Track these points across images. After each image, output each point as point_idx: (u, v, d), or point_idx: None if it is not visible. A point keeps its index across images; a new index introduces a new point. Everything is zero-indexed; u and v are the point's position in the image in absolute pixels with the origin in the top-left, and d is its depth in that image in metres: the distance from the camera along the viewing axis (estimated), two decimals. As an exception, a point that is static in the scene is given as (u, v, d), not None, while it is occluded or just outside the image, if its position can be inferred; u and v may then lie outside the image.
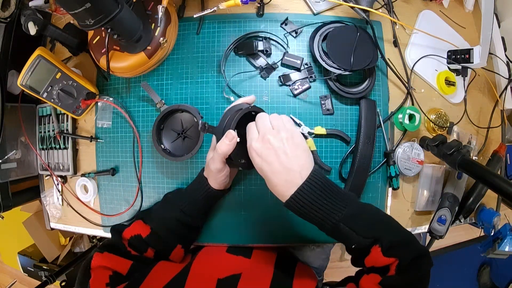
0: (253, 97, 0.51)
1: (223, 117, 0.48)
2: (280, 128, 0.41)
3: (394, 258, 0.37)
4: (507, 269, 1.50)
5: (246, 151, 0.50)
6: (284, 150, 0.39)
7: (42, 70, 0.56)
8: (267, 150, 0.40)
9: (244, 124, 0.49)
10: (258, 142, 0.41)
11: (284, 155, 0.39)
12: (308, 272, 0.61)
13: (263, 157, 0.40)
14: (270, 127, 0.42)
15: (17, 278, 1.53)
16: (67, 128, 0.65)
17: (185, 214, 0.53)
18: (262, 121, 0.43)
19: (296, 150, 0.40)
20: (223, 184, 0.52)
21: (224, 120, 0.47)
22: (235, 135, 0.44)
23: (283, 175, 0.39)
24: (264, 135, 0.41)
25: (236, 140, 0.44)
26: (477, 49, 0.62)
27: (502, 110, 0.74)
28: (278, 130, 0.41)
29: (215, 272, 0.49)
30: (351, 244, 0.40)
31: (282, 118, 0.43)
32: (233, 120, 0.45)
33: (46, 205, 0.71)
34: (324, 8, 0.62)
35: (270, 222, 0.60)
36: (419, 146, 0.62)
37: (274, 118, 0.43)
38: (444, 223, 0.61)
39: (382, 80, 0.62)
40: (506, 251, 0.64)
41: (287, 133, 0.41)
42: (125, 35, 0.52)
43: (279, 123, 0.42)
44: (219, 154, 0.45)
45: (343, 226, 0.39)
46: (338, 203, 0.39)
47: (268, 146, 0.40)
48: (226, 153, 0.45)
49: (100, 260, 0.45)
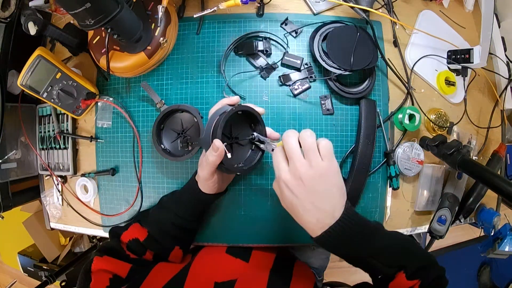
0: (237, 97, 0.49)
1: (208, 123, 0.45)
2: (314, 158, 0.36)
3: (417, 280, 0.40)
4: (507, 269, 1.50)
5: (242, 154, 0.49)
6: (318, 190, 0.36)
7: (42, 70, 0.56)
8: (298, 187, 0.37)
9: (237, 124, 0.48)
10: (289, 175, 0.37)
11: (317, 194, 0.36)
12: (306, 272, 0.61)
13: (294, 193, 0.37)
14: (301, 155, 0.37)
15: (17, 278, 1.53)
16: (67, 128, 0.65)
17: (179, 217, 0.52)
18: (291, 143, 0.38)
19: (331, 189, 0.37)
20: (213, 189, 0.50)
21: (210, 127, 0.44)
22: (220, 146, 0.41)
23: (314, 214, 0.37)
24: (296, 169, 0.36)
25: (223, 150, 0.42)
26: (477, 49, 0.62)
27: (502, 110, 0.74)
28: (311, 163, 0.36)
29: (213, 275, 0.50)
30: (378, 275, 0.42)
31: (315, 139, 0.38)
32: (218, 127, 0.42)
33: (46, 205, 0.71)
34: (324, 8, 0.62)
35: (270, 222, 0.60)
36: (419, 146, 0.62)
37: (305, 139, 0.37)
38: (444, 223, 0.61)
39: (382, 80, 0.62)
40: (506, 251, 0.65)
41: (321, 168, 0.36)
42: (125, 35, 0.52)
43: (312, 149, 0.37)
44: (208, 163, 0.44)
45: (370, 259, 0.40)
46: (368, 239, 0.40)
47: (299, 182, 0.36)
48: (216, 163, 0.44)
49: (100, 263, 0.45)
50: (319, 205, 0.37)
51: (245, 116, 0.48)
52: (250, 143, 0.50)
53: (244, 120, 0.49)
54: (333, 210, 0.37)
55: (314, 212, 0.37)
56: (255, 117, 0.47)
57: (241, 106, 0.45)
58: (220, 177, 0.50)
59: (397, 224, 0.65)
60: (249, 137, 0.48)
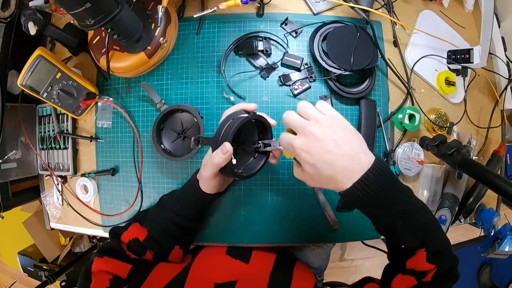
0: (255, 105, 0.47)
1: (221, 125, 0.45)
2: (317, 116, 0.38)
3: (434, 265, 0.37)
4: (507, 269, 1.50)
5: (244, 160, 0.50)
6: (332, 137, 0.36)
7: (42, 70, 0.56)
8: (313, 143, 0.36)
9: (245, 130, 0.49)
10: (300, 137, 0.37)
11: (332, 142, 0.36)
12: (306, 273, 0.61)
13: (310, 151, 0.37)
14: (304, 120, 0.38)
15: (17, 278, 1.53)
16: (67, 128, 0.65)
17: (178, 216, 0.52)
18: (292, 117, 0.39)
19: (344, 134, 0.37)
20: (213, 189, 0.51)
21: (222, 129, 0.44)
22: (229, 149, 0.42)
23: (337, 162, 0.36)
24: (304, 130, 0.37)
25: (231, 154, 0.42)
26: (477, 49, 0.62)
27: (502, 110, 0.74)
28: (316, 119, 0.37)
29: (214, 276, 0.50)
30: (401, 244, 0.38)
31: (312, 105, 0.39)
32: (230, 131, 0.42)
33: (46, 205, 0.71)
34: (324, 8, 0.62)
35: (270, 222, 0.60)
36: (419, 146, 0.62)
37: (302, 108, 0.39)
38: (444, 223, 0.61)
39: (382, 80, 0.62)
40: (506, 251, 0.65)
41: (327, 120, 0.37)
42: (125, 35, 0.52)
43: (312, 112, 0.38)
44: (212, 164, 0.44)
45: (399, 222, 0.37)
46: (401, 195, 0.37)
47: (312, 138, 0.36)
48: (221, 165, 0.44)
49: (100, 264, 0.45)
50: (339, 151, 0.36)
51: (256, 125, 0.48)
52: (253, 151, 0.50)
53: (253, 128, 0.49)
54: (356, 153, 0.36)
55: (337, 161, 0.36)
56: (265, 128, 0.48)
57: (256, 115, 0.45)
58: (222, 178, 0.50)
59: (397, 224, 0.64)
60: (255, 146, 0.49)
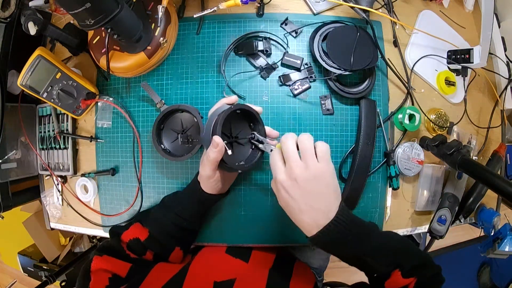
0: (235, 97, 0.50)
1: (208, 122, 0.47)
2: (309, 161, 0.37)
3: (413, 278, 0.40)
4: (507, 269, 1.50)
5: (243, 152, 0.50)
6: (312, 190, 0.37)
7: (42, 70, 0.56)
8: (294, 188, 0.37)
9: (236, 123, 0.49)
10: (285, 176, 0.38)
11: (311, 195, 0.37)
12: (306, 272, 0.61)
13: (289, 193, 0.38)
14: (297, 157, 0.38)
15: (17, 278, 1.53)
16: (67, 128, 0.65)
17: (180, 218, 0.52)
18: (288, 146, 0.39)
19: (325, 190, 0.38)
20: (215, 189, 0.51)
21: (210, 125, 0.45)
22: (219, 141, 0.43)
23: (309, 214, 0.38)
24: (291, 169, 0.37)
25: (223, 146, 0.43)
26: (477, 49, 0.62)
27: (502, 110, 0.74)
28: (307, 164, 0.37)
29: (213, 275, 0.50)
30: (374, 273, 0.43)
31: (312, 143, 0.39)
32: (217, 124, 0.43)
33: (46, 205, 0.71)
34: (324, 8, 0.62)
35: (270, 222, 0.60)
36: (419, 146, 0.62)
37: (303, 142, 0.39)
38: (444, 223, 0.61)
39: (382, 80, 0.62)
40: (506, 251, 0.64)
41: (316, 170, 0.37)
42: (125, 35, 0.52)
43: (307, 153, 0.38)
44: (209, 161, 0.45)
45: (365, 258, 0.40)
46: (362, 238, 0.40)
47: (294, 183, 0.37)
48: (216, 160, 0.44)
49: (100, 263, 0.46)
50: (314, 205, 0.37)
51: (244, 116, 0.49)
52: (250, 142, 0.50)
53: (243, 120, 0.50)
54: (328, 211, 0.38)
55: (309, 212, 0.38)
56: (254, 117, 0.49)
57: (239, 104, 0.47)
58: (222, 176, 0.50)
59: (397, 224, 0.65)
60: (248, 136, 0.49)
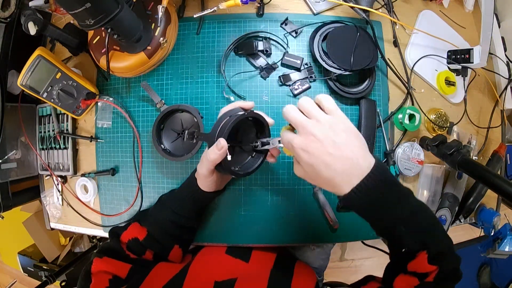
0: (252, 103, 0.48)
1: (217, 121, 0.45)
2: (318, 115, 0.36)
3: (436, 266, 0.36)
4: (507, 269, 1.50)
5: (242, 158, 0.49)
6: (332, 139, 0.35)
7: (42, 70, 0.56)
8: (313, 143, 0.35)
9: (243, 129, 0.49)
10: (300, 137, 0.36)
11: (332, 144, 0.35)
12: (307, 271, 0.61)
13: (309, 151, 0.35)
14: (305, 117, 0.37)
15: (17, 278, 1.53)
16: (67, 128, 0.65)
17: (177, 215, 0.52)
18: (292, 114, 0.38)
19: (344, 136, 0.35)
20: (211, 187, 0.50)
21: (218, 125, 0.44)
22: (224, 145, 0.41)
23: (336, 165, 0.34)
24: (304, 129, 0.36)
25: (226, 150, 0.42)
26: (477, 49, 0.62)
27: (502, 110, 0.74)
28: (317, 119, 0.36)
29: (213, 274, 0.50)
30: (402, 247, 0.38)
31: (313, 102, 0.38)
32: (226, 127, 0.42)
33: (46, 205, 0.71)
34: (324, 8, 0.62)
35: (270, 222, 0.60)
36: (419, 146, 0.62)
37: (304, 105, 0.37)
38: (444, 223, 0.61)
39: (382, 80, 0.62)
40: (506, 251, 0.65)
41: (328, 119, 0.36)
42: (125, 35, 0.52)
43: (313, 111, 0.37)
44: (208, 160, 0.44)
45: (399, 227, 0.37)
46: (400, 200, 0.36)
47: (312, 138, 0.35)
48: (216, 161, 0.44)
49: (100, 264, 0.46)
50: (338, 153, 0.34)
51: (253, 123, 0.48)
52: (251, 150, 0.50)
53: (251, 127, 0.49)
54: (356, 157, 0.35)
55: (335, 163, 0.34)
56: (263, 126, 0.47)
57: (253, 112, 0.45)
58: (219, 175, 0.50)
59: (397, 224, 0.64)
60: (252, 144, 0.48)
